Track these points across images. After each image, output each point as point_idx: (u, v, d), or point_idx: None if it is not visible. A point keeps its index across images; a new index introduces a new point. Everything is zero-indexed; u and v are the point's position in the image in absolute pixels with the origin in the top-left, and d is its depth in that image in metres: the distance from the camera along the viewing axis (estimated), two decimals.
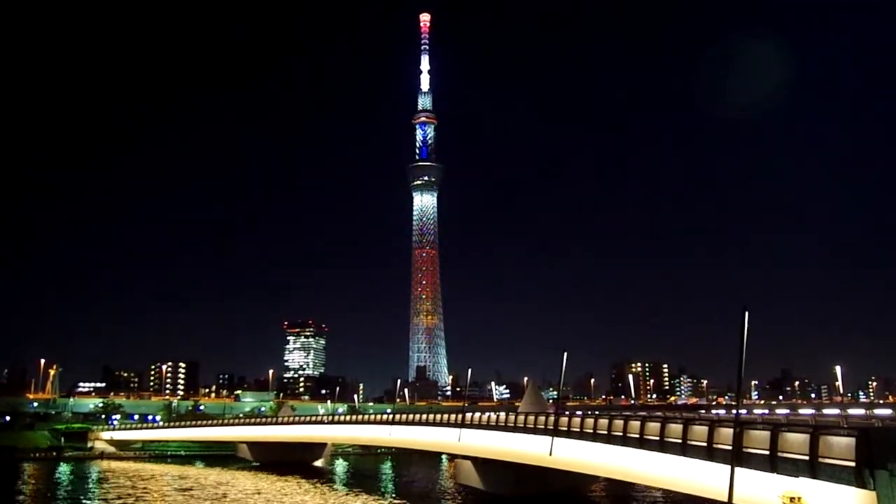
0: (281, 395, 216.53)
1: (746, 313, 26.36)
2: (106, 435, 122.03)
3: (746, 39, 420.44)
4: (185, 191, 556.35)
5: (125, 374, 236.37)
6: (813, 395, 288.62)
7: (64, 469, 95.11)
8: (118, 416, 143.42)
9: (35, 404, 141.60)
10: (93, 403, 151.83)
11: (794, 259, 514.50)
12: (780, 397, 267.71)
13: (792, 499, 25.46)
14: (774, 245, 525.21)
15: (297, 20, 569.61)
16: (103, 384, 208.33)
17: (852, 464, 23.13)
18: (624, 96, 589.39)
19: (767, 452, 26.76)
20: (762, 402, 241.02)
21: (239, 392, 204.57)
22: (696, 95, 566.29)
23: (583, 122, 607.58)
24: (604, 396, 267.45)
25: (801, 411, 62.50)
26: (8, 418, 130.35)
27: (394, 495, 68.96)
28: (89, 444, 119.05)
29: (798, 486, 25.44)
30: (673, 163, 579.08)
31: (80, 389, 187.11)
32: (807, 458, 24.96)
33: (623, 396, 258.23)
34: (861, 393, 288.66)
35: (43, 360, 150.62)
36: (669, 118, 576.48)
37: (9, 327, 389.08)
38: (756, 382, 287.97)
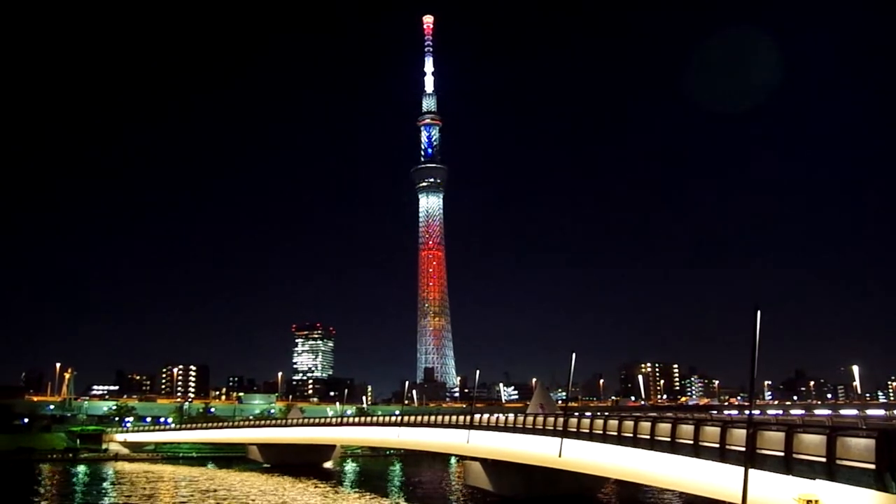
0: (290, 397, 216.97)
1: (759, 312, 25.80)
2: (120, 437, 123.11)
3: (741, 37, 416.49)
4: (194, 195, 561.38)
5: (137, 377, 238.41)
6: (829, 396, 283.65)
7: (80, 470, 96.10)
8: (131, 419, 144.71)
9: (52, 406, 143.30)
10: (106, 406, 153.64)
11: (808, 256, 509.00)
12: (795, 398, 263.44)
13: (808, 501, 24.90)
14: (787, 242, 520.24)
15: (299, 22, 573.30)
16: (116, 387, 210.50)
17: (872, 466, 22.50)
18: (627, 97, 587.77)
19: (782, 454, 26.19)
20: (776, 402, 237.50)
21: (241, 395, 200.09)
22: (699, 96, 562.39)
23: (587, 121, 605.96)
24: (613, 397, 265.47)
25: (817, 412, 61.30)
26: (26, 420, 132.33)
27: (403, 497, 68.75)
28: (104, 446, 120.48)
29: (814, 488, 24.87)
30: (681, 162, 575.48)
31: (94, 392, 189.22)
32: (824, 459, 24.35)
33: (633, 397, 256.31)
34: (880, 393, 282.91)
35: (58, 364, 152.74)
36: (670, 118, 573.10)
37: (26, 332, 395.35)
38: (769, 383, 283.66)
